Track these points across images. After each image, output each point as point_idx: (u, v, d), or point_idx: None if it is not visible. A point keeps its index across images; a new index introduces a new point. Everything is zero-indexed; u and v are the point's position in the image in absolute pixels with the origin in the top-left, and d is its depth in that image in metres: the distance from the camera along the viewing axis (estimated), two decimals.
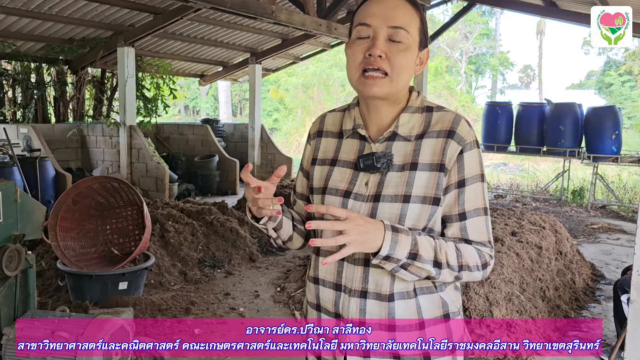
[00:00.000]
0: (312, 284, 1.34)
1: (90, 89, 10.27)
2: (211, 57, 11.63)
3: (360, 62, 1.20)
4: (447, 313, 1.25)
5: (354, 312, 1.23)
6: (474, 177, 1.22)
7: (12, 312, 2.30)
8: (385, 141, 1.25)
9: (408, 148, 1.23)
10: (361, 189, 1.24)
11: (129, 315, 2.57)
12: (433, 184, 1.20)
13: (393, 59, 1.18)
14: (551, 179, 10.67)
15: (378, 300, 1.21)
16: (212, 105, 28.65)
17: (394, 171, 1.21)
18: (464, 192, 1.21)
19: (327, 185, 1.29)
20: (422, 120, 1.25)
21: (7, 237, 2.29)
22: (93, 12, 8.11)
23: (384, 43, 1.18)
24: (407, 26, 1.19)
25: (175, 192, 8.95)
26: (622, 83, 25.01)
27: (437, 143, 1.21)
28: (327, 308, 1.29)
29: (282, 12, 6.89)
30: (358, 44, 1.21)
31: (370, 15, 1.20)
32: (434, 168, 1.20)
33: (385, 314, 1.21)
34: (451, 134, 1.21)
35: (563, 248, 4.94)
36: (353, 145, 1.29)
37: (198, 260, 5.19)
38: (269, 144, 11.68)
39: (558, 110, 9.29)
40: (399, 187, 1.20)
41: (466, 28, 28.36)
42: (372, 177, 1.23)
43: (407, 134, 1.23)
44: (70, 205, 3.88)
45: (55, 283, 4.31)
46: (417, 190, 1.19)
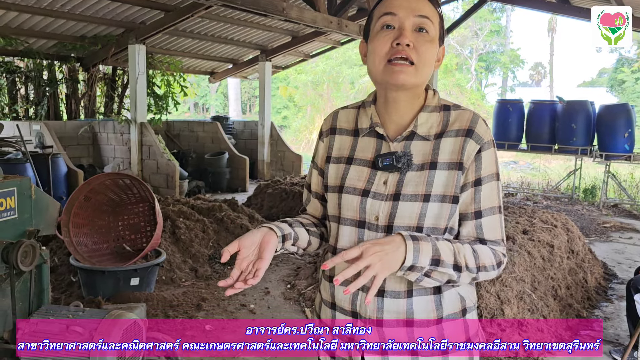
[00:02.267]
0: (327, 282, 1.33)
1: (101, 86, 10.34)
2: (221, 55, 11.66)
3: (387, 52, 1.19)
4: (464, 308, 1.26)
5: (371, 310, 1.23)
6: (490, 175, 1.22)
7: (27, 307, 2.33)
8: (404, 140, 1.24)
9: (427, 147, 1.22)
10: (379, 187, 1.23)
11: (142, 311, 2.58)
12: (452, 183, 1.20)
13: (420, 48, 1.18)
14: (563, 177, 10.59)
15: (396, 298, 1.21)
16: (222, 103, 28.74)
17: (413, 170, 1.21)
18: (480, 190, 1.22)
19: (343, 183, 1.28)
20: (440, 119, 1.25)
21: (22, 233, 2.31)
22: (105, 9, 8.16)
23: (412, 32, 1.18)
24: (431, 17, 1.20)
25: (185, 189, 8.99)
26: (635, 80, 24.75)
27: (456, 142, 1.21)
28: (343, 307, 1.28)
29: (293, 9, 6.89)
30: (384, 34, 1.20)
31: (396, 6, 1.19)
32: (452, 167, 1.20)
33: (403, 312, 1.21)
34: (470, 132, 1.21)
35: (575, 247, 4.91)
36: (370, 144, 1.28)
37: (209, 256, 5.22)
38: (279, 142, 11.70)
39: (570, 108, 9.21)
40: (419, 186, 1.20)
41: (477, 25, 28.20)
42: (391, 176, 1.22)
43: (426, 134, 1.23)
44: (82, 201, 3.91)
45: (68, 279, 4.36)
46: (437, 189, 1.20)
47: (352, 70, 22.92)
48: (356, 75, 23.04)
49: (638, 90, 24.34)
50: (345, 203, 1.26)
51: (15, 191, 2.27)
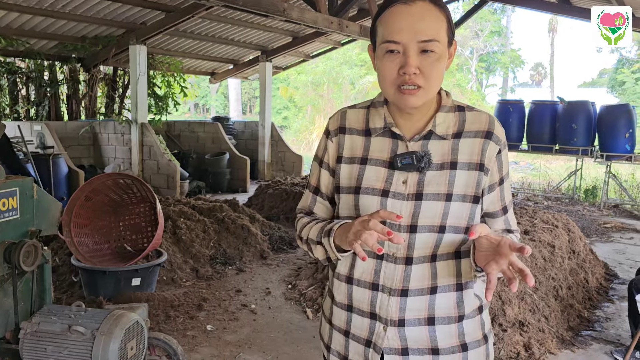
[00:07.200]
0: (344, 284, 1.31)
1: (102, 87, 10.35)
2: (222, 55, 11.66)
3: (394, 79, 1.18)
4: (480, 305, 1.29)
5: (393, 311, 1.22)
6: (507, 173, 1.29)
7: (29, 307, 2.32)
8: (421, 140, 1.24)
9: (445, 147, 1.23)
10: (399, 187, 1.22)
11: (144, 311, 2.58)
12: (473, 183, 1.22)
13: (427, 71, 1.16)
14: (563, 178, 10.58)
15: (419, 297, 1.22)
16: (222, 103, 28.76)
17: (433, 170, 1.21)
18: (503, 188, 1.29)
19: (360, 184, 1.26)
20: (456, 120, 1.26)
21: (24, 233, 2.31)
22: (105, 10, 8.17)
23: (416, 57, 1.15)
24: (437, 35, 1.16)
25: (186, 189, 9.00)
26: (635, 81, 24.75)
27: (475, 143, 1.23)
28: (362, 308, 1.27)
29: (294, 10, 6.89)
30: (389, 59, 1.18)
31: (398, 32, 1.15)
32: (472, 167, 1.22)
33: (425, 309, 1.22)
34: (489, 134, 1.24)
35: (576, 247, 4.90)
36: (385, 144, 1.27)
37: (209, 257, 5.22)
38: (279, 142, 11.70)
39: (571, 108, 9.21)
40: (440, 186, 1.21)
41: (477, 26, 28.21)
42: (410, 175, 1.22)
43: (444, 133, 1.24)
44: (84, 201, 3.91)
45: (69, 279, 4.36)
46: (458, 189, 1.21)
47: (352, 71, 22.93)
48: (356, 75, 23.05)
49: (638, 91, 24.33)
50: (364, 204, 1.24)
51: (17, 191, 2.27)
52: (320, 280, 4.48)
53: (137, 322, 2.28)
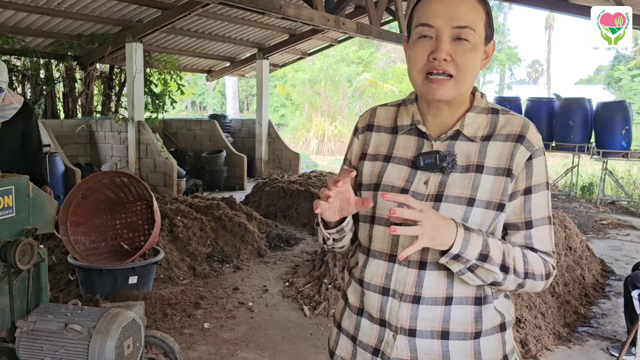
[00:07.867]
0: (358, 286, 1.25)
1: (98, 85, 10.32)
2: (219, 53, 11.64)
3: (423, 65, 1.12)
4: (503, 323, 1.19)
5: (404, 318, 1.14)
6: (541, 184, 1.16)
7: (25, 305, 2.32)
8: (448, 140, 1.18)
9: (472, 149, 1.16)
10: (419, 187, 1.16)
11: (141, 309, 2.58)
12: (499, 189, 1.13)
13: (459, 60, 1.10)
14: (560, 174, 10.61)
15: (433, 306, 1.13)
16: (219, 101, 28.71)
17: (457, 172, 1.14)
18: (531, 199, 1.16)
19: (380, 181, 1.21)
20: (488, 122, 1.18)
21: (19, 231, 2.30)
22: (101, 7, 8.14)
23: (449, 44, 1.10)
24: (473, 24, 1.11)
25: (183, 187, 8.98)
26: (631, 78, 24.80)
27: (505, 147, 1.15)
28: (372, 313, 1.20)
29: (291, 7, 6.87)
30: (420, 44, 1.13)
31: (433, 15, 1.11)
32: (500, 172, 1.14)
33: (439, 321, 1.13)
34: (520, 138, 1.15)
35: (572, 244, 4.92)
36: (410, 142, 1.22)
37: (207, 255, 5.21)
38: (277, 140, 11.69)
39: (567, 105, 9.23)
40: (463, 189, 1.13)
41: None
42: (433, 176, 1.16)
43: (472, 135, 1.17)
44: (80, 200, 3.89)
45: (66, 277, 4.35)
46: (482, 195, 1.13)
47: (349, 68, 22.89)
48: (353, 73, 23.02)
49: (635, 88, 24.38)
50: (381, 202, 1.19)
51: (13, 189, 2.26)
52: (317, 277, 4.48)
53: (134, 320, 2.28)
